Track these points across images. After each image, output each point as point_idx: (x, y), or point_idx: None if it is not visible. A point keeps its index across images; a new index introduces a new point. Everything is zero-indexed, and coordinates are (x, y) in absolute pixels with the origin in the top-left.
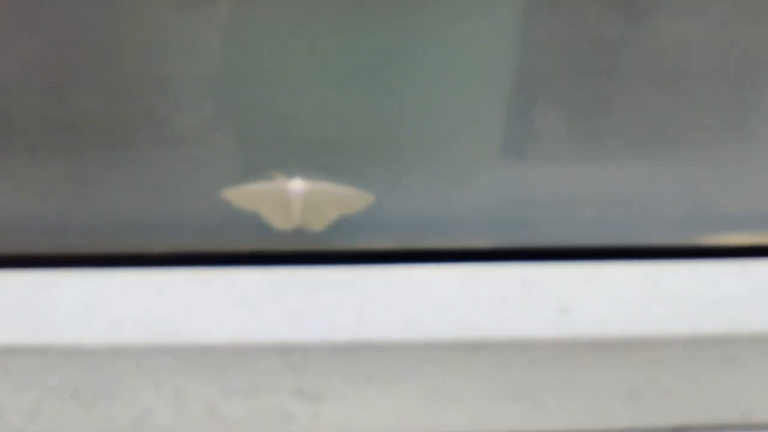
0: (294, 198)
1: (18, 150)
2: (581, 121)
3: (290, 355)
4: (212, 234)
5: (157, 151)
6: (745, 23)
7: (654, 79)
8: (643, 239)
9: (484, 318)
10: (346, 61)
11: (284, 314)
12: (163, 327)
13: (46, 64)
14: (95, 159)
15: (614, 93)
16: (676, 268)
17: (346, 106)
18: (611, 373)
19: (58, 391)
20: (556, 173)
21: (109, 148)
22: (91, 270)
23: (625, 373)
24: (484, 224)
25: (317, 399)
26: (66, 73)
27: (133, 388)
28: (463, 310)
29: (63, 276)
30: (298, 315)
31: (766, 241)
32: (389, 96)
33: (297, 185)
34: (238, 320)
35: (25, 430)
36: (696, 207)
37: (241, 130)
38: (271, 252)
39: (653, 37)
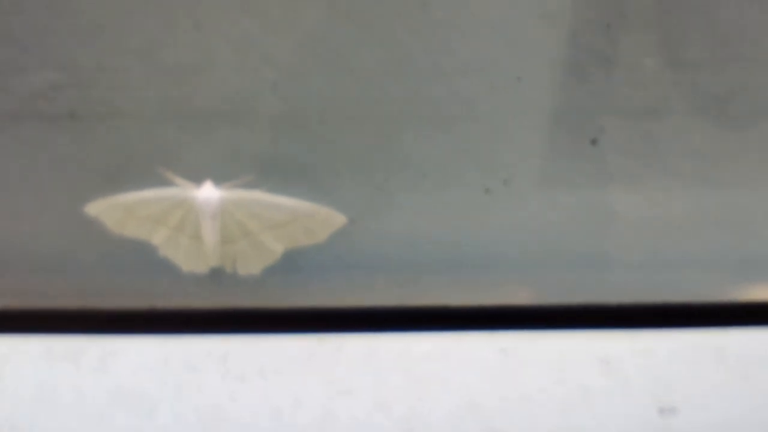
0: (207, 218)
1: None
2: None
3: None
4: (76, 279)
5: None
6: None
7: None
8: None
9: (531, 423)
10: None
11: (197, 412)
12: None
13: None
14: None
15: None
16: None
17: (301, 62)
18: None
19: None
20: (637, 190)
21: None
22: None
23: None
24: (527, 268)
25: None
26: None
27: None
28: (494, 408)
29: None
30: (220, 412)
31: None
32: (372, 49)
33: (209, 195)
34: (122, 421)
35: None
36: None
37: (119, 102)
38: (173, 311)
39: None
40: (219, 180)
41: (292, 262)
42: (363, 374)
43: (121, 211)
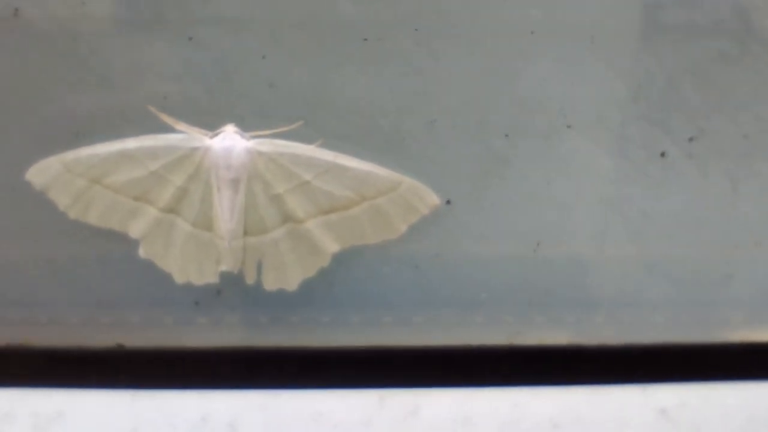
0: (225, 187)
1: None
2: None
3: None
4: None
5: None
6: None
7: None
8: None
9: None
10: None
11: None
12: None
13: None
14: None
15: None
16: None
17: None
18: None
19: None
20: None
21: None
22: None
23: None
24: (707, 283)
25: None
26: None
27: None
28: None
29: None
30: None
31: None
32: None
33: (230, 146)
34: None
35: None
36: None
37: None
38: (151, 352)
39: None
40: (245, 126)
41: (341, 275)
42: None
43: (83, 178)
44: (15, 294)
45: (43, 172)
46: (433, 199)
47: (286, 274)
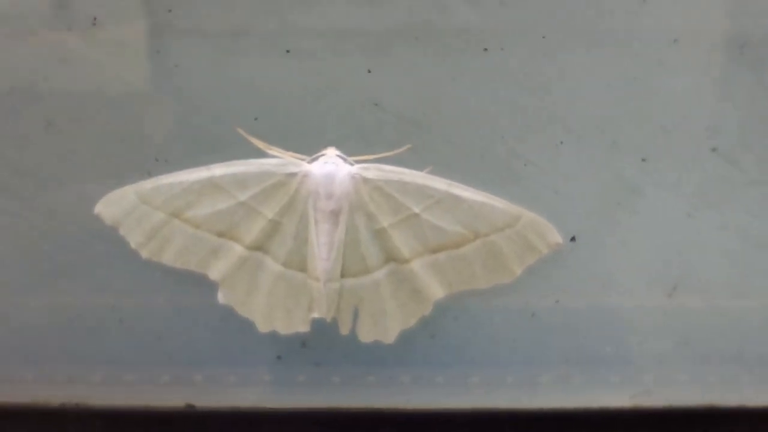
0: (324, 221)
1: None
2: None
3: None
4: (57, 358)
5: None
6: None
7: None
8: None
9: None
10: None
11: None
12: None
13: None
14: None
15: None
16: None
17: None
18: None
19: None
20: None
21: None
22: None
23: None
24: None
25: None
26: None
27: None
28: None
29: None
30: None
31: None
32: None
33: (332, 172)
34: None
35: None
36: None
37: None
38: (227, 413)
39: None
40: (345, 150)
41: (443, 325)
42: None
43: (161, 212)
44: (69, 348)
45: (115, 205)
46: (555, 236)
47: (385, 324)
